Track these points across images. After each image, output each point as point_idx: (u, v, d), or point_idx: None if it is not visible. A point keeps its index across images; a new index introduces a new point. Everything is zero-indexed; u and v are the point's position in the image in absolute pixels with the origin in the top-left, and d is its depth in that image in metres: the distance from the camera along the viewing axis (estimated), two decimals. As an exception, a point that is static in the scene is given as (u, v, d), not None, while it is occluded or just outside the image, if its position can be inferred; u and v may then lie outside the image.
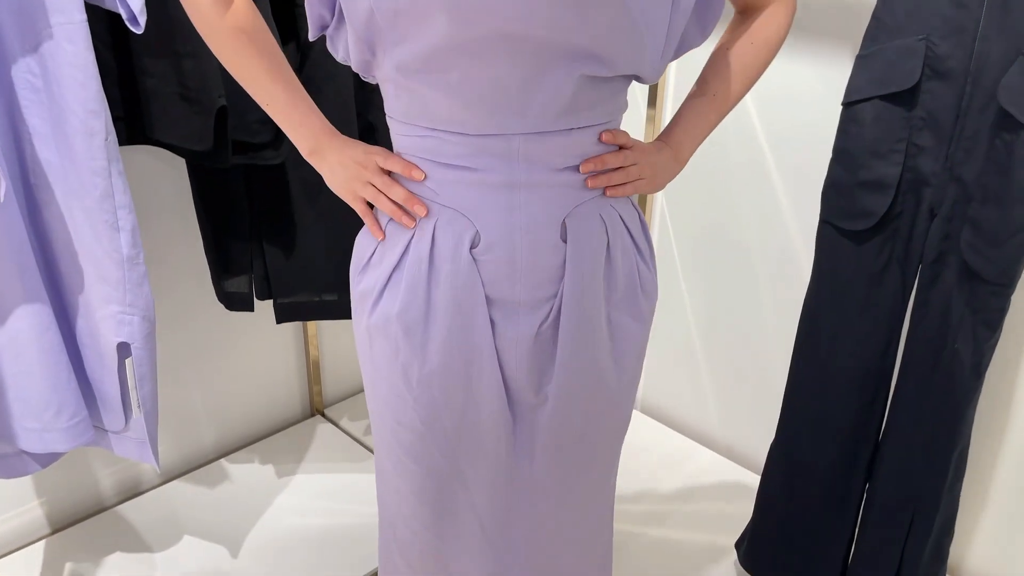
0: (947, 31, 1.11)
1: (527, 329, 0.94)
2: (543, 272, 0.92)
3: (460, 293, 0.92)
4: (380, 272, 0.96)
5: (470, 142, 0.88)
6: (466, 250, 0.91)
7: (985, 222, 1.13)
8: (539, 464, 1.00)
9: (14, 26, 1.14)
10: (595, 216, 0.93)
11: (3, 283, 1.24)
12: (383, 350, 0.98)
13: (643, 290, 1.00)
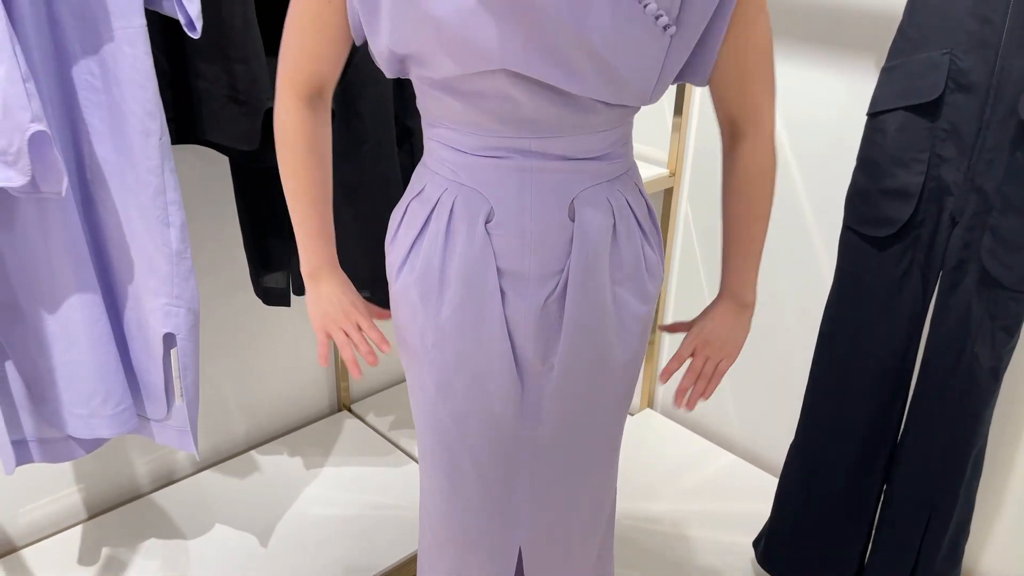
0: (970, 46, 1.15)
1: (535, 300, 0.99)
2: (551, 248, 0.98)
3: (474, 264, 0.98)
4: (404, 244, 1.03)
5: (487, 139, 0.94)
6: (481, 224, 0.97)
7: (1005, 231, 1.16)
8: (544, 431, 1.06)
9: (76, 29, 1.20)
10: (602, 199, 0.98)
11: (58, 275, 1.30)
12: (405, 315, 1.05)
13: (648, 271, 1.04)
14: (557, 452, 1.08)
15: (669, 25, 0.86)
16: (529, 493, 1.10)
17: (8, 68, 1.07)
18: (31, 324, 1.33)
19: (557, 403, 1.04)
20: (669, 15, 0.85)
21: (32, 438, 1.43)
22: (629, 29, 0.85)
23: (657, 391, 2.23)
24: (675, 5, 0.86)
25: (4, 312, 1.32)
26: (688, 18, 0.87)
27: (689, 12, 0.87)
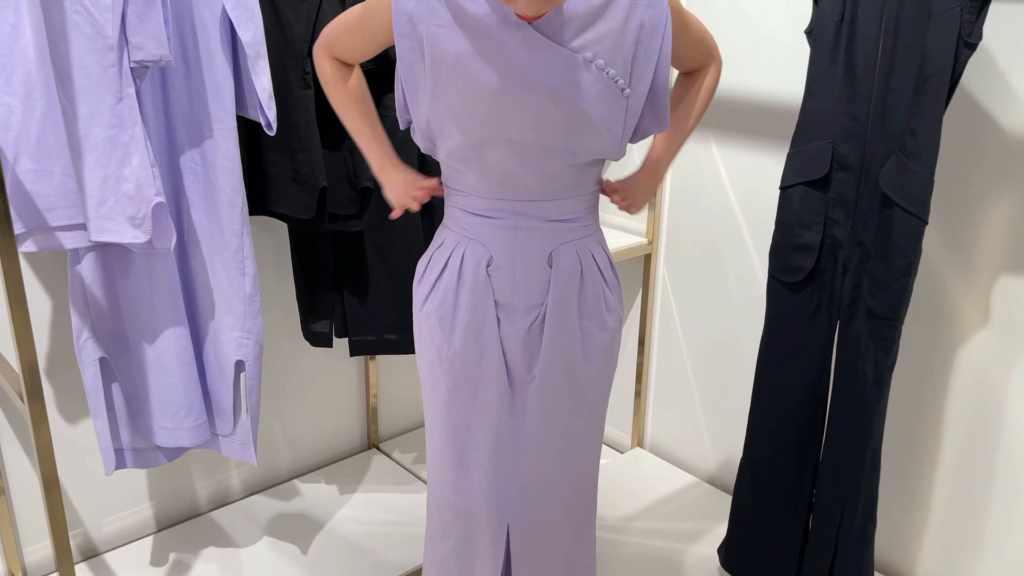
0: (846, 137, 1.53)
1: (522, 326, 1.33)
2: (534, 286, 1.32)
3: (477, 297, 1.32)
4: (427, 283, 1.38)
5: (490, 202, 1.29)
6: (483, 268, 1.31)
7: (877, 273, 1.51)
8: (529, 426, 1.38)
9: (185, 130, 1.63)
10: (573, 252, 1.32)
11: (158, 313, 1.69)
12: (426, 336, 1.39)
13: (607, 309, 1.37)
14: (540, 444, 1.39)
15: (625, 88, 1.23)
16: (518, 478, 1.40)
17: (142, 158, 1.49)
18: (134, 352, 1.71)
19: (538, 404, 1.37)
20: (626, 83, 1.22)
21: (127, 447, 1.79)
22: (606, 94, 1.20)
23: (646, 433, 2.53)
24: (628, 78, 1.22)
25: (115, 342, 1.71)
26: (636, 86, 1.23)
27: (636, 82, 1.23)
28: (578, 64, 1.19)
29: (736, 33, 2.02)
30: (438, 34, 1.20)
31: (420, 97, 1.25)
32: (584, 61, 1.19)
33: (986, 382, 1.73)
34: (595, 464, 1.48)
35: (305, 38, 1.65)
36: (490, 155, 1.24)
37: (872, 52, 1.47)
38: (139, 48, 1.43)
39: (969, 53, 1.37)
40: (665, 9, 1.22)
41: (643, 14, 1.20)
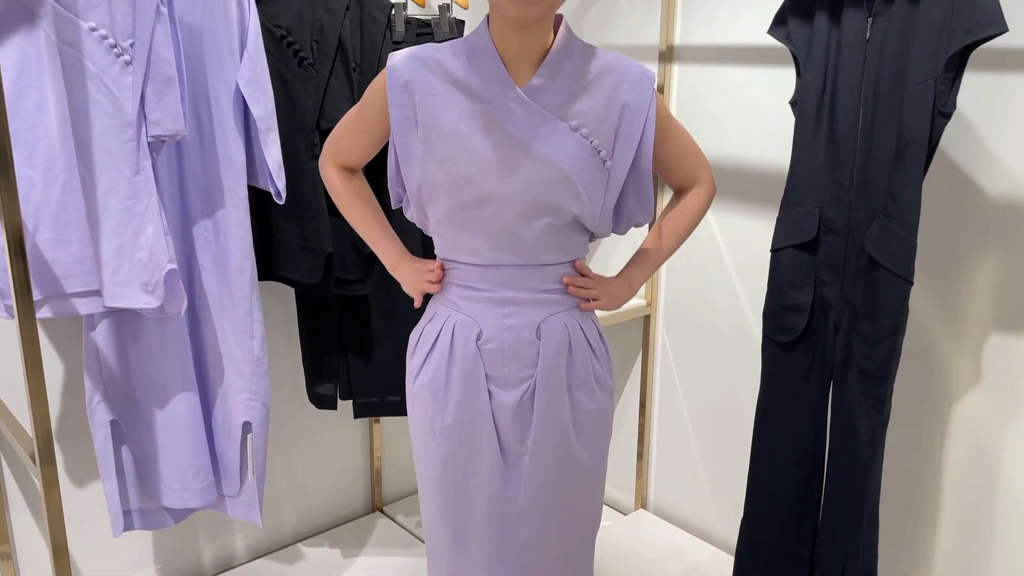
0: (831, 201, 1.59)
1: (513, 397, 1.35)
2: (523, 359, 1.34)
3: (469, 370, 1.34)
4: (420, 356, 1.40)
5: (480, 271, 1.33)
6: (473, 342, 1.34)
7: (867, 332, 1.55)
8: (524, 498, 1.38)
9: (197, 199, 1.70)
10: (560, 324, 1.35)
11: (168, 376, 1.73)
12: (419, 409, 1.41)
13: (596, 380, 1.38)
14: (536, 515, 1.40)
15: (607, 160, 1.29)
16: (515, 548, 1.40)
17: (156, 227, 1.55)
18: (144, 414, 1.75)
19: (532, 475, 1.38)
20: (608, 154, 1.29)
21: (135, 509, 1.81)
22: (589, 161, 1.27)
23: (649, 494, 2.54)
24: (610, 152, 1.29)
25: (126, 404, 1.75)
26: (617, 161, 1.30)
27: (618, 156, 1.30)
28: (564, 131, 1.26)
29: (725, 102, 2.10)
30: (431, 101, 1.28)
31: (412, 162, 1.31)
32: (569, 128, 1.27)
33: (981, 438, 1.76)
34: (592, 533, 1.49)
35: (313, 112, 1.73)
36: (478, 217, 1.29)
37: (853, 121, 1.54)
38: (157, 124, 1.52)
39: (944, 122, 1.43)
40: (649, 95, 1.30)
41: (627, 96, 1.29)
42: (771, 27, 1.65)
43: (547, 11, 1.21)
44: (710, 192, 1.45)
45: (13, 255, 1.27)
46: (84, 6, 1.46)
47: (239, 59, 1.61)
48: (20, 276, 1.29)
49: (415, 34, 1.86)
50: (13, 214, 1.26)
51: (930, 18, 1.41)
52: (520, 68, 1.27)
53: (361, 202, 1.46)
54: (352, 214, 1.47)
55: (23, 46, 1.46)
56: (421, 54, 1.31)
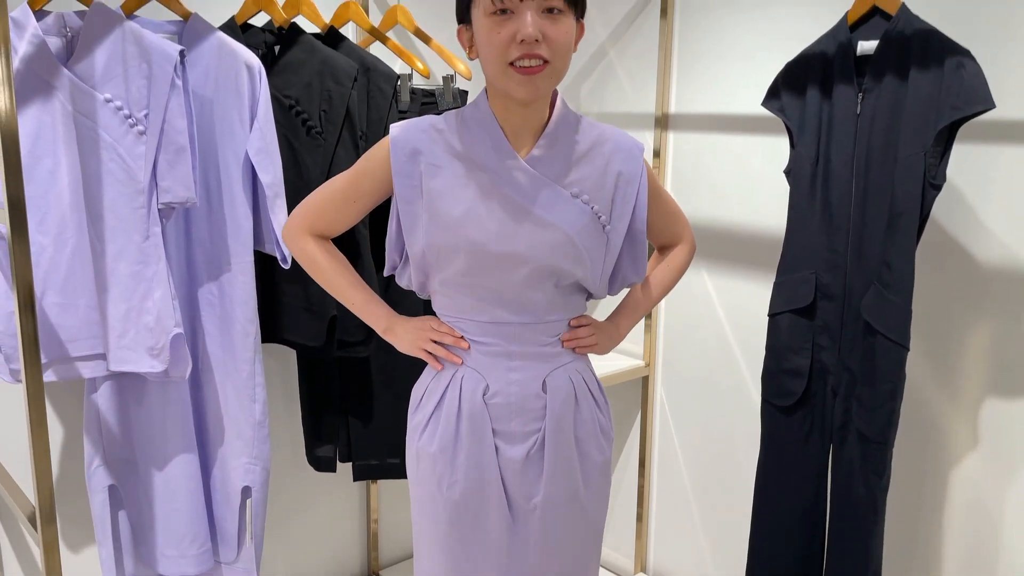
0: (827, 268, 1.63)
1: (520, 452, 1.36)
2: (531, 413, 1.36)
3: (476, 425, 1.36)
4: (425, 411, 1.41)
5: (485, 327, 1.35)
6: (480, 397, 1.36)
7: (865, 398, 1.57)
8: (534, 555, 1.39)
9: (204, 264, 1.72)
10: (566, 377, 1.38)
11: (169, 440, 1.73)
12: (425, 466, 1.41)
13: (601, 431, 1.42)
14: (544, 571, 1.40)
15: (606, 225, 1.34)
16: None
17: (163, 291, 1.57)
18: (143, 479, 1.74)
19: (542, 532, 1.39)
20: (607, 219, 1.34)
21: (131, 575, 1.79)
22: (590, 227, 1.32)
23: (648, 557, 2.52)
24: (608, 216, 1.34)
25: (125, 468, 1.74)
26: (615, 225, 1.35)
27: (615, 221, 1.35)
28: (566, 197, 1.31)
29: (720, 169, 2.16)
30: (435, 171, 1.32)
31: (417, 230, 1.34)
32: (571, 195, 1.31)
33: (980, 502, 1.76)
34: None
35: (320, 179, 1.77)
36: (486, 280, 1.32)
37: (846, 191, 1.58)
38: (168, 191, 1.55)
39: (935, 194, 1.48)
40: (641, 164, 1.38)
41: (621, 164, 1.35)
42: (765, 99, 1.71)
43: (549, 90, 1.28)
44: (692, 248, 1.56)
45: (24, 319, 1.28)
46: (101, 78, 1.50)
47: (249, 128, 1.65)
48: (30, 339, 1.30)
49: (420, 104, 1.91)
50: (26, 278, 1.27)
51: (919, 94, 1.46)
52: (521, 140, 1.32)
53: (344, 270, 1.45)
54: (335, 282, 1.45)
55: (39, 116, 1.50)
56: (423, 125, 1.35)
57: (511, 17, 1.20)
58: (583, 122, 1.36)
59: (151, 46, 1.51)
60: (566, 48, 1.25)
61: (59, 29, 1.52)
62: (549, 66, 1.23)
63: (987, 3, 1.64)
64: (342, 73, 1.75)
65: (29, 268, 1.27)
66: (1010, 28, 1.61)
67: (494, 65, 1.24)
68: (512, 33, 1.20)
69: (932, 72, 1.44)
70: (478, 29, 1.24)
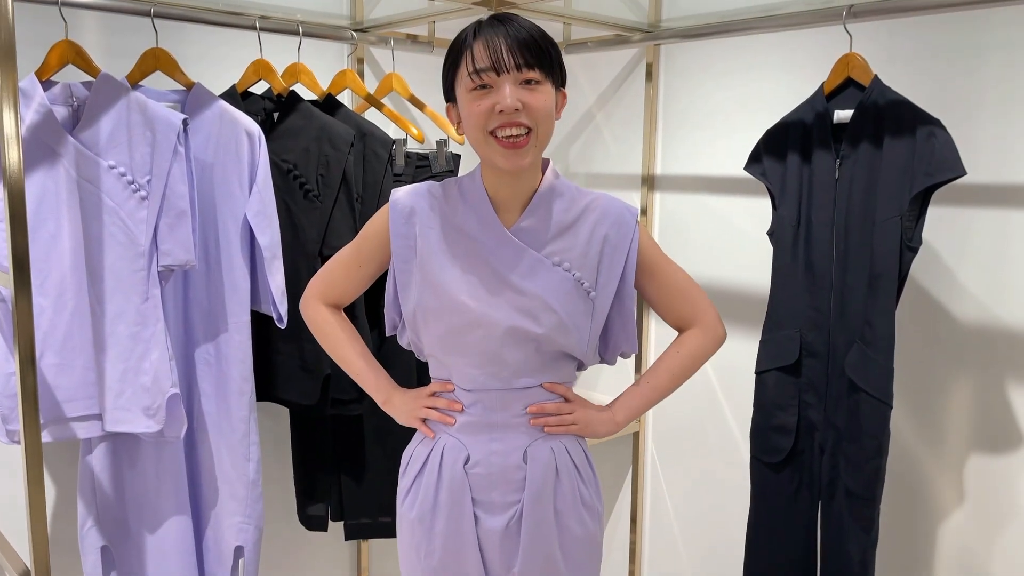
0: (811, 326, 1.67)
1: (500, 523, 1.37)
2: (510, 483, 1.37)
3: (455, 495, 1.37)
4: (409, 477, 1.44)
5: (469, 395, 1.37)
6: (460, 466, 1.37)
7: (851, 454, 1.60)
8: None
9: (201, 323, 1.75)
10: (547, 448, 1.38)
11: (162, 501, 1.73)
12: (406, 531, 1.43)
13: (584, 503, 1.40)
14: None
15: (591, 291, 1.36)
16: None
17: (160, 352, 1.60)
18: (135, 540, 1.74)
19: None
20: (591, 286, 1.36)
21: (119, 640, 1.77)
22: (574, 295, 1.34)
23: (641, 615, 2.51)
24: (594, 283, 1.36)
25: (117, 530, 1.74)
26: (601, 291, 1.37)
27: (601, 287, 1.37)
28: (546, 266, 1.35)
29: (705, 229, 2.22)
30: (428, 234, 1.37)
31: (410, 288, 1.39)
32: (551, 264, 1.35)
33: (968, 557, 1.78)
34: None
35: (317, 240, 1.81)
36: (467, 340, 1.35)
37: (828, 252, 1.64)
38: (168, 254, 1.58)
39: (912, 255, 1.53)
40: (631, 230, 1.39)
41: (608, 229, 1.38)
42: (747, 164, 1.77)
43: (534, 160, 1.32)
44: (710, 335, 1.46)
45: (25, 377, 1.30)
46: (105, 146, 1.55)
47: (248, 192, 1.70)
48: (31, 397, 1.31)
49: (414, 167, 1.97)
50: (28, 334, 1.29)
51: (893, 161, 1.53)
52: (509, 209, 1.37)
53: (351, 340, 1.50)
54: (341, 351, 1.50)
55: (43, 182, 1.54)
56: (422, 191, 1.41)
57: (490, 91, 1.26)
58: (572, 190, 1.40)
59: (155, 115, 1.56)
60: (547, 115, 1.29)
61: (66, 99, 1.57)
62: (532, 135, 1.27)
63: (955, 75, 1.72)
64: (339, 139, 1.81)
65: (31, 324, 1.29)
66: (979, 97, 1.69)
67: (476, 135, 1.29)
68: (491, 105, 1.25)
69: (905, 140, 1.51)
70: (462, 105, 1.30)
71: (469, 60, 1.25)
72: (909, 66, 1.77)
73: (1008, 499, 1.72)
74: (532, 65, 1.24)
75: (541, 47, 1.25)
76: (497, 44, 1.23)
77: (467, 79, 1.26)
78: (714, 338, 1.47)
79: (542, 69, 1.26)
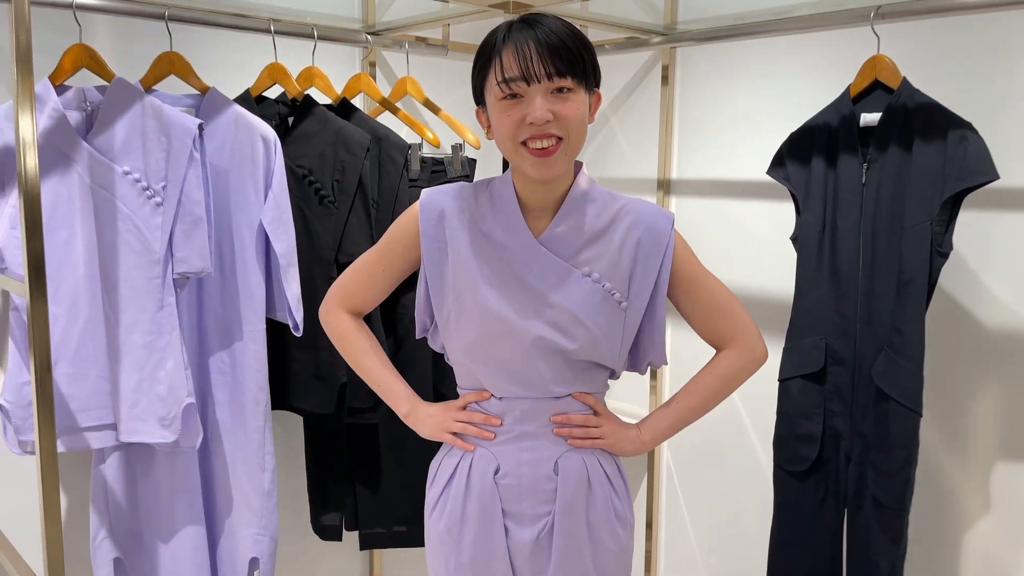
0: (836, 333, 1.64)
1: (530, 535, 1.34)
2: (541, 494, 1.33)
3: (485, 505, 1.34)
4: (437, 489, 1.41)
5: (498, 405, 1.34)
6: (491, 476, 1.34)
7: (880, 463, 1.57)
8: None
9: (216, 331, 1.72)
10: (579, 459, 1.35)
11: (176, 512, 1.70)
12: (435, 542, 1.40)
13: (616, 516, 1.37)
14: None
15: (622, 301, 1.32)
16: None
17: (176, 361, 1.57)
18: (148, 551, 1.71)
19: None
20: (623, 296, 1.32)
21: (132, 652, 1.74)
22: (604, 306, 1.30)
23: (657, 625, 2.47)
24: (626, 293, 1.32)
25: (130, 541, 1.71)
26: (633, 301, 1.33)
27: (633, 297, 1.33)
28: (575, 276, 1.31)
29: (723, 233, 2.19)
30: (459, 236, 1.34)
31: (445, 291, 1.35)
32: (581, 274, 1.31)
33: (996, 566, 1.75)
34: None
35: (332, 247, 1.79)
36: (498, 349, 1.32)
37: (854, 258, 1.61)
38: (183, 262, 1.56)
39: (942, 261, 1.51)
40: (666, 237, 1.34)
41: (642, 234, 1.33)
42: (770, 168, 1.74)
43: (564, 168, 1.28)
44: (748, 356, 1.40)
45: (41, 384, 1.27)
46: (120, 151, 1.52)
47: (263, 198, 1.67)
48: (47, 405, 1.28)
49: (430, 172, 1.94)
50: (44, 341, 1.26)
51: (923, 166, 1.50)
52: (540, 215, 1.34)
53: (372, 349, 1.46)
54: (363, 361, 1.46)
55: (56, 189, 1.51)
56: (452, 192, 1.37)
57: (521, 101, 1.22)
58: (604, 195, 1.36)
59: (171, 120, 1.54)
60: (579, 123, 1.25)
61: (79, 103, 1.55)
62: (563, 143, 1.24)
63: (984, 77, 1.69)
64: (354, 143, 1.78)
65: (47, 332, 1.27)
66: (1007, 100, 1.66)
67: (507, 145, 1.26)
68: (522, 116, 1.22)
69: (936, 144, 1.48)
70: (492, 113, 1.27)
71: (498, 68, 1.22)
72: (936, 69, 1.74)
73: (1037, 508, 1.70)
74: (564, 73, 1.21)
75: (573, 52, 1.21)
76: (527, 52, 1.19)
77: (496, 88, 1.23)
78: (753, 359, 1.40)
79: (574, 76, 1.22)
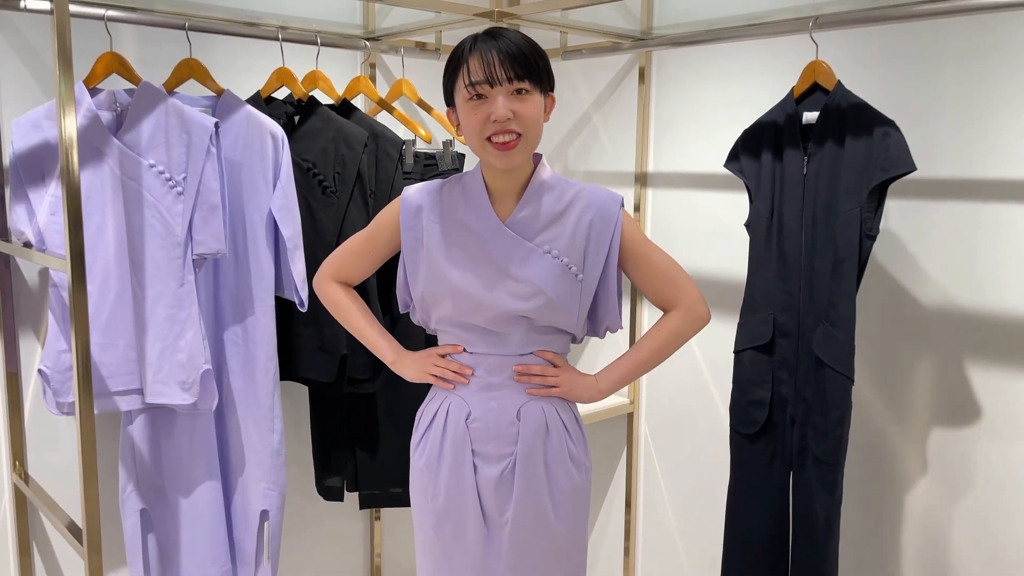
0: (782, 308, 1.84)
1: (495, 471, 1.55)
2: (505, 437, 1.55)
3: (457, 445, 1.56)
4: (420, 431, 1.63)
5: (472, 359, 1.55)
6: (463, 420, 1.56)
7: (819, 424, 1.76)
8: (504, 565, 1.57)
9: (230, 307, 1.93)
10: (539, 407, 1.55)
11: (195, 468, 1.91)
12: (416, 479, 1.62)
13: (571, 457, 1.57)
14: None
15: (579, 274, 1.53)
16: None
17: (195, 332, 1.77)
18: (171, 504, 1.92)
19: (512, 545, 1.56)
20: (579, 269, 1.52)
21: (156, 598, 1.95)
22: (563, 278, 1.51)
23: (636, 585, 2.67)
24: (581, 266, 1.52)
25: (154, 494, 1.92)
26: (588, 273, 1.53)
27: (588, 269, 1.53)
28: (536, 253, 1.52)
29: (693, 222, 2.38)
30: (434, 228, 1.55)
31: (419, 276, 1.57)
32: (542, 252, 1.52)
33: (932, 522, 1.94)
34: None
35: (334, 232, 1.99)
36: (471, 320, 1.54)
37: (797, 241, 1.80)
38: (201, 244, 1.76)
39: (870, 243, 1.69)
40: (615, 215, 1.54)
41: (594, 215, 1.54)
42: (726, 161, 1.93)
43: (525, 158, 1.49)
44: (691, 316, 1.57)
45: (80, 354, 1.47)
46: (146, 147, 1.73)
47: (272, 188, 1.88)
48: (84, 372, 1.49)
49: (423, 165, 2.14)
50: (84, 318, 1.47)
51: (853, 158, 1.69)
52: (505, 201, 1.55)
53: (361, 310, 1.69)
54: (353, 322, 1.69)
55: (90, 179, 1.72)
56: (430, 188, 1.59)
57: (485, 101, 1.43)
58: (561, 182, 1.56)
59: (191, 119, 1.74)
60: (536, 121, 1.46)
61: (110, 104, 1.75)
62: (522, 138, 1.45)
63: (916, 79, 1.88)
64: (354, 140, 1.98)
65: (87, 314, 1.47)
66: (937, 100, 1.85)
67: (474, 141, 1.47)
68: (486, 115, 1.43)
69: (863, 139, 1.67)
70: (460, 112, 1.48)
71: (465, 73, 1.43)
72: (873, 71, 1.93)
73: (967, 467, 1.88)
74: (522, 77, 1.42)
75: (530, 59, 1.42)
76: (491, 59, 1.40)
77: (464, 90, 1.44)
78: (695, 318, 1.58)
79: (531, 80, 1.43)
